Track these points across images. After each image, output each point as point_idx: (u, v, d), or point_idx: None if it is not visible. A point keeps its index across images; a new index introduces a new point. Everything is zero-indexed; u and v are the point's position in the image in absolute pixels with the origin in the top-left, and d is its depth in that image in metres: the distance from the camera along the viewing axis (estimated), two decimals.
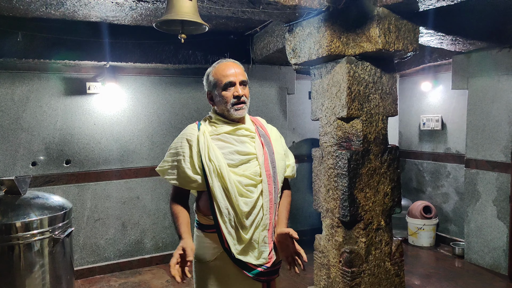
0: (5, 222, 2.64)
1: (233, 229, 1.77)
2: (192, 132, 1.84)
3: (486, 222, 4.19)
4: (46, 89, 3.97)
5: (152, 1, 2.31)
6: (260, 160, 1.84)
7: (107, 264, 4.27)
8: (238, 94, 1.81)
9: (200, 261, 1.87)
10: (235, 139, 1.85)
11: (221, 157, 1.78)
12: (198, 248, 1.87)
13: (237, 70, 1.84)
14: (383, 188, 2.84)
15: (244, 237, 1.78)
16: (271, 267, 1.85)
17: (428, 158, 5.22)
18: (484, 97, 4.19)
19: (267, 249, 1.84)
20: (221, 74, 1.82)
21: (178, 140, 1.86)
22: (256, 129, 1.93)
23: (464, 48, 3.86)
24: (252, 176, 1.81)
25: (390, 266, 2.91)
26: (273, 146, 1.92)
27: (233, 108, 1.82)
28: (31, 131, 3.92)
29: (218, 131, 1.85)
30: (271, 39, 4.08)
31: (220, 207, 1.75)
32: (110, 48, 3.86)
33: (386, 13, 2.57)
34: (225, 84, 1.81)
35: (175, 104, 4.55)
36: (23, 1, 3.00)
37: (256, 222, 1.81)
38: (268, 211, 1.83)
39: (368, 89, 2.75)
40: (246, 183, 1.80)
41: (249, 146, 1.86)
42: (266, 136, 1.94)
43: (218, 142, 1.82)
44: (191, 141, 1.81)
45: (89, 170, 4.17)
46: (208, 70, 1.91)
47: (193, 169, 1.79)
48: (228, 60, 1.89)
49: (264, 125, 2.01)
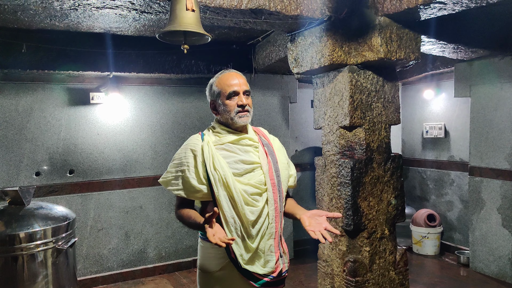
0: (9, 233, 2.65)
1: (240, 238, 1.77)
2: (196, 142, 1.85)
3: (491, 230, 4.15)
4: (50, 99, 3.99)
5: (155, 12, 2.33)
6: (265, 169, 1.85)
7: (110, 274, 4.26)
8: (242, 103, 1.84)
9: (204, 271, 1.86)
10: (239, 149, 1.86)
11: (226, 167, 1.78)
12: (202, 258, 1.87)
13: (241, 80, 1.88)
14: (387, 197, 2.83)
15: (250, 246, 1.77)
16: (277, 276, 1.84)
17: (432, 166, 5.21)
18: (487, 104, 4.19)
19: (273, 258, 1.83)
20: (225, 84, 1.86)
21: (182, 150, 1.86)
22: (259, 139, 1.94)
23: (466, 56, 3.86)
24: (257, 185, 1.82)
25: (395, 275, 2.89)
26: (276, 156, 1.94)
27: (237, 116, 1.83)
28: (35, 141, 3.94)
29: (222, 140, 1.86)
30: (273, 49, 4.10)
31: (226, 216, 1.75)
32: (113, 58, 3.90)
33: (387, 22, 2.59)
34: (229, 93, 1.83)
35: (177, 113, 4.57)
36: (27, 13, 3.03)
37: (262, 231, 1.81)
38: (273, 219, 1.82)
39: (370, 98, 2.76)
40: (251, 192, 1.80)
41: (253, 155, 1.87)
42: (269, 145, 1.95)
43: (222, 152, 1.83)
44: (196, 151, 1.81)
45: (92, 179, 4.18)
46: (211, 80, 1.94)
47: (198, 179, 1.79)
48: (231, 70, 1.93)
49: (267, 135, 2.03)
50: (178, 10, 1.96)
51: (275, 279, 1.83)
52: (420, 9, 2.37)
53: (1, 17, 3.09)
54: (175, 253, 4.54)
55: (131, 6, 2.22)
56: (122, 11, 2.31)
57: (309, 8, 2.50)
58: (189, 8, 1.95)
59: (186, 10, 1.95)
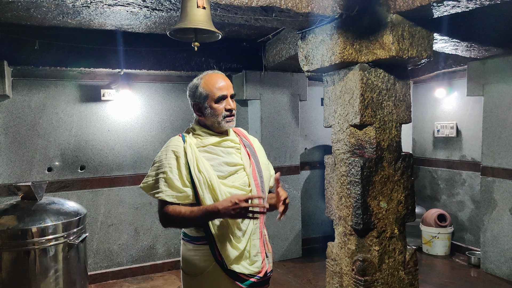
0: (21, 228, 2.69)
1: (226, 240, 1.75)
2: (177, 144, 1.80)
3: (503, 231, 4.10)
4: (62, 96, 4.04)
5: (166, 9, 2.34)
6: (248, 170, 1.85)
7: (120, 269, 4.30)
8: (231, 107, 1.83)
9: (189, 275, 1.83)
10: (221, 151, 1.84)
11: (210, 169, 1.76)
12: (187, 261, 1.83)
13: (228, 83, 1.86)
14: (397, 196, 2.81)
15: (237, 247, 1.76)
16: (263, 276, 1.84)
17: (443, 166, 5.15)
18: (500, 104, 4.12)
19: (259, 258, 1.83)
20: (214, 87, 1.82)
21: (162, 153, 1.81)
22: (240, 140, 1.94)
23: (480, 54, 3.81)
24: (241, 187, 1.81)
25: (404, 275, 2.87)
26: (258, 156, 1.94)
27: (224, 121, 1.83)
28: (47, 137, 3.99)
29: (204, 143, 1.83)
30: (283, 46, 4.09)
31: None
32: (124, 55, 3.92)
33: (399, 20, 2.56)
34: (218, 97, 1.81)
35: (188, 110, 4.58)
36: (40, 10, 3.07)
37: (248, 232, 1.80)
38: (258, 220, 1.82)
39: (381, 96, 2.73)
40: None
41: (235, 157, 1.86)
42: (251, 146, 1.95)
43: (205, 154, 1.81)
44: (178, 153, 1.77)
45: (103, 176, 4.22)
46: (194, 81, 1.89)
47: (182, 181, 1.74)
48: (217, 72, 1.89)
49: (247, 135, 2.02)
50: (189, 7, 1.96)
51: (261, 279, 1.83)
52: (433, 7, 2.34)
53: (14, 14, 3.13)
54: None
55: (142, 3, 2.23)
56: (133, 9, 2.32)
57: (320, 6, 2.49)
58: (200, 5, 1.95)
59: (197, 8, 1.95)
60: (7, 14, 3.12)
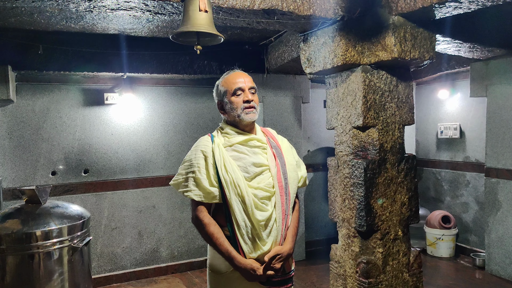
0: (25, 231, 2.69)
1: (250, 240, 1.78)
2: (206, 144, 1.85)
3: (507, 232, 4.08)
4: (65, 100, 4.06)
5: (169, 13, 2.35)
6: (273, 171, 1.86)
7: (124, 272, 4.30)
8: (248, 98, 1.85)
9: (215, 272, 1.87)
10: (248, 150, 1.86)
11: (237, 170, 1.79)
12: (213, 259, 1.88)
13: (246, 78, 1.90)
14: (400, 198, 2.80)
15: (261, 248, 1.79)
16: (285, 275, 1.86)
17: (446, 167, 5.13)
18: (504, 105, 4.11)
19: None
20: (231, 82, 1.87)
21: (192, 152, 1.86)
22: (267, 140, 1.95)
23: (483, 55, 3.80)
24: (266, 188, 1.82)
25: (408, 277, 2.85)
26: (285, 158, 1.94)
27: (243, 112, 1.84)
28: (51, 141, 4.01)
29: (231, 141, 1.86)
30: (285, 49, 4.10)
31: (238, 219, 1.76)
32: (127, 59, 3.94)
33: (401, 22, 2.56)
34: (235, 90, 1.85)
35: (190, 114, 4.59)
36: (44, 15, 3.09)
37: (272, 233, 1.82)
38: (280, 222, 1.84)
39: (384, 98, 2.73)
40: (261, 195, 1.81)
41: (261, 157, 1.88)
42: (277, 147, 1.95)
43: (232, 153, 1.84)
44: (206, 153, 1.82)
45: (106, 179, 4.23)
46: (217, 81, 1.96)
47: (209, 181, 1.79)
48: (237, 70, 1.95)
49: (275, 136, 2.02)
50: (191, 11, 1.97)
51: (283, 278, 1.84)
52: (435, 8, 2.34)
53: (18, 19, 3.15)
54: (188, 252, 4.57)
55: (145, 7, 2.25)
56: (136, 13, 2.33)
57: (322, 8, 2.49)
58: (202, 9, 1.96)
59: (199, 11, 1.96)
60: (11, 19, 3.15)
